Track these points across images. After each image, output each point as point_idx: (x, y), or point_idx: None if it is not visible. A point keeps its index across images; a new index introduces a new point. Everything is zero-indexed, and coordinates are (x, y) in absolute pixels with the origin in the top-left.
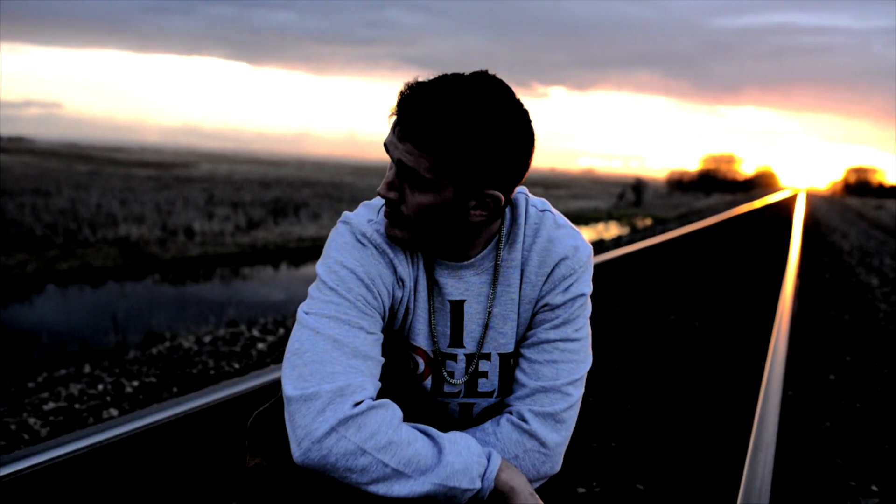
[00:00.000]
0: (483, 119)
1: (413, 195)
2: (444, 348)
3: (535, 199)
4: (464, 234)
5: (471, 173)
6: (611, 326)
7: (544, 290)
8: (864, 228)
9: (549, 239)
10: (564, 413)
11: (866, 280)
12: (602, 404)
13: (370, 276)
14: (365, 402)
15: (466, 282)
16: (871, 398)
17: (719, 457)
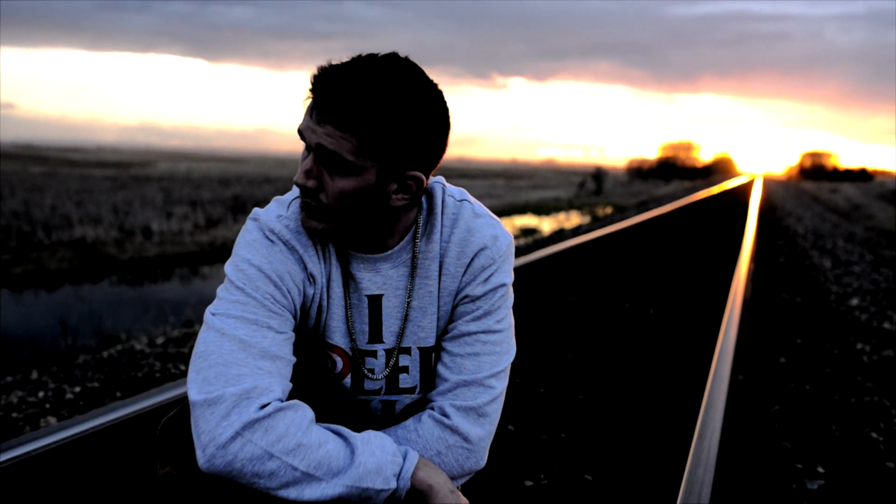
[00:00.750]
0: (404, 96)
1: (333, 181)
2: (363, 345)
3: (453, 188)
4: (384, 221)
5: (394, 153)
6: (566, 316)
7: (464, 282)
8: (819, 212)
9: (467, 229)
10: (488, 406)
11: (819, 262)
12: (553, 395)
13: (278, 274)
14: (272, 403)
15: (384, 275)
16: (820, 380)
17: (668, 444)
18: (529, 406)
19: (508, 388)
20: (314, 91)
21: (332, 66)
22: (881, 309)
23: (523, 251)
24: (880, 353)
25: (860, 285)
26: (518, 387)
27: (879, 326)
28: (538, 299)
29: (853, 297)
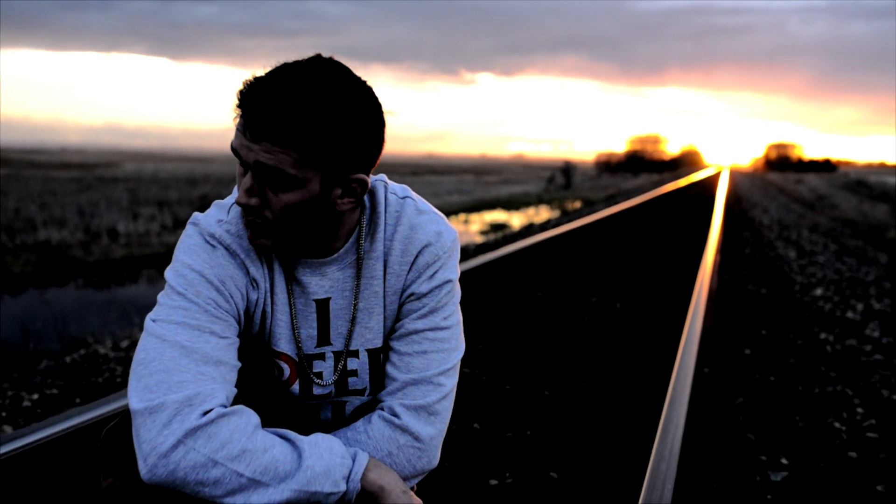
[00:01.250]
0: (337, 100)
1: (277, 197)
2: (311, 349)
3: (395, 185)
4: (330, 226)
5: (336, 159)
6: (533, 311)
7: (409, 280)
8: (784, 202)
9: (410, 226)
10: (438, 405)
11: (784, 253)
12: (519, 392)
13: (220, 279)
14: (215, 409)
15: (331, 278)
16: (784, 371)
17: (634, 439)
18: (495, 404)
19: (474, 386)
20: (244, 108)
21: (257, 79)
22: (844, 298)
23: (491, 247)
24: (843, 343)
25: (824, 275)
26: (484, 384)
27: (843, 316)
28: (505, 295)
29: (817, 287)
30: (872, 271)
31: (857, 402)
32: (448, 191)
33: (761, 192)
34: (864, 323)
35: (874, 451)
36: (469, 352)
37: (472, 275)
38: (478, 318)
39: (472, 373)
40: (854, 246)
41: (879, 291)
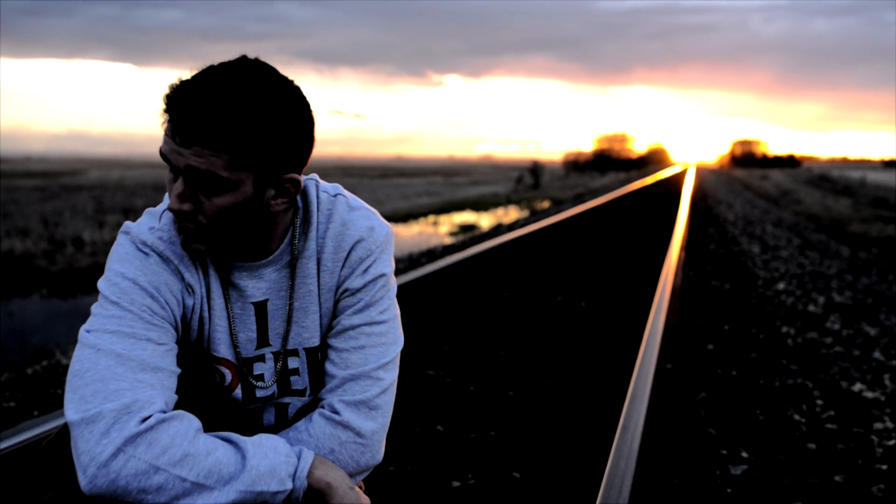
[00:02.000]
0: (267, 101)
1: (210, 201)
2: (251, 352)
3: (327, 184)
4: (264, 228)
5: (268, 160)
6: (498, 312)
7: (342, 276)
8: (749, 198)
9: (342, 223)
10: (378, 399)
11: (748, 248)
12: (484, 393)
13: (155, 286)
14: (154, 416)
15: (267, 280)
16: (746, 365)
17: (596, 437)
18: (459, 405)
19: (438, 387)
20: (172, 112)
21: (184, 83)
22: (807, 292)
23: (458, 248)
24: (805, 336)
25: (787, 269)
26: (448, 386)
27: (804, 309)
28: (471, 296)
29: (780, 282)
30: (834, 265)
31: (817, 395)
32: (417, 193)
33: (727, 189)
34: (826, 316)
35: (832, 443)
36: (434, 353)
37: (438, 276)
38: (443, 320)
39: (436, 374)
40: (817, 240)
41: (840, 284)
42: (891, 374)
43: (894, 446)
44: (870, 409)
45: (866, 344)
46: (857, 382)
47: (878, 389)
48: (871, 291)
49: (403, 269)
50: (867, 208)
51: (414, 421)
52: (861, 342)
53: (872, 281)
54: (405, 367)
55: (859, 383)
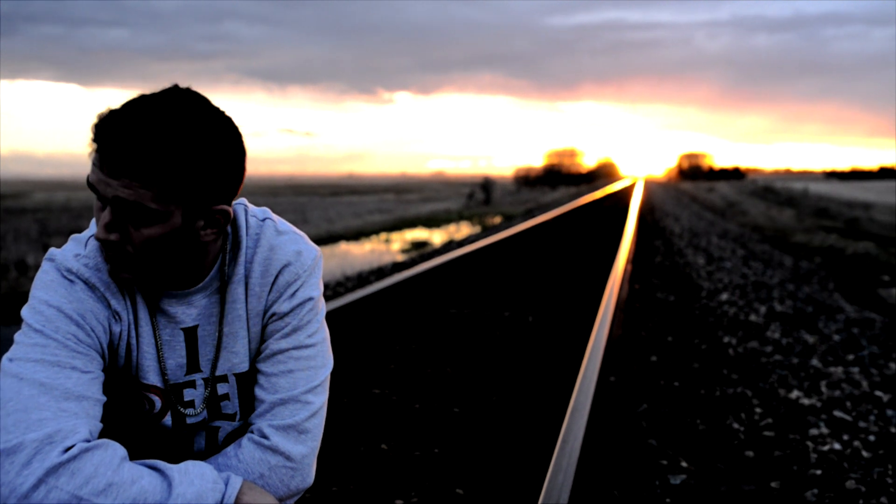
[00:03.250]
0: (196, 132)
1: (138, 231)
2: (181, 378)
3: (255, 208)
4: (195, 257)
5: (197, 192)
6: (446, 329)
7: (270, 300)
8: (696, 210)
9: (270, 247)
10: (307, 422)
11: (693, 260)
12: (429, 410)
13: (80, 313)
14: (77, 445)
15: (197, 306)
16: (688, 376)
17: (538, 451)
18: (404, 423)
19: (383, 406)
20: (100, 143)
21: (113, 113)
22: (749, 302)
23: (408, 265)
24: (746, 346)
25: (730, 280)
26: (394, 404)
27: (746, 319)
28: (419, 314)
29: (723, 293)
30: (777, 275)
31: (756, 403)
32: (369, 210)
33: (674, 202)
34: (767, 325)
35: (770, 450)
36: (380, 372)
37: (386, 294)
38: (391, 338)
39: (381, 393)
40: (761, 250)
41: (782, 294)
42: (827, 380)
43: (828, 451)
44: (806, 416)
45: (805, 352)
46: (794, 390)
47: (814, 396)
48: (811, 300)
49: (352, 287)
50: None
51: (358, 440)
52: (800, 350)
53: (813, 290)
54: (351, 386)
55: (797, 390)
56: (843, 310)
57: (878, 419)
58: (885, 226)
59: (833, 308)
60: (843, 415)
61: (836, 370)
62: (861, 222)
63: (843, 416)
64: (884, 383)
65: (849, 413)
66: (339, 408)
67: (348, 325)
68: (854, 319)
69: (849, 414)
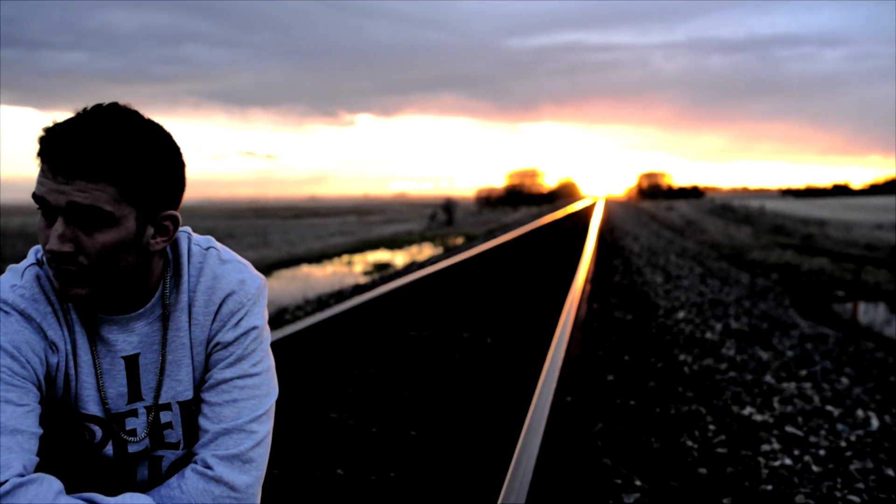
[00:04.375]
0: (147, 135)
1: (93, 238)
2: (123, 407)
3: (199, 237)
4: (141, 272)
5: (150, 195)
6: (405, 351)
7: (214, 329)
8: (656, 229)
9: (214, 276)
10: (251, 452)
11: (651, 279)
12: (386, 434)
13: (15, 345)
14: (10, 480)
15: (139, 333)
16: (644, 394)
17: (494, 473)
18: (361, 447)
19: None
20: (51, 151)
21: (61, 123)
22: (705, 320)
23: (368, 288)
24: (701, 363)
25: (687, 298)
26: (350, 428)
27: (702, 337)
28: (378, 336)
29: (680, 311)
30: (734, 292)
31: (710, 420)
32: (331, 233)
33: (634, 221)
34: (722, 342)
35: (722, 466)
36: (338, 396)
37: (346, 317)
38: (349, 362)
39: (339, 417)
40: (718, 268)
41: (738, 311)
42: (780, 396)
43: (779, 467)
44: (758, 432)
45: (759, 368)
46: (747, 406)
47: (766, 412)
48: (766, 317)
49: (311, 310)
50: (767, 235)
51: (314, 466)
52: (754, 367)
53: (769, 306)
54: (308, 411)
55: (750, 407)
56: (798, 326)
57: (828, 434)
58: (838, 242)
59: (788, 324)
60: (795, 430)
61: (789, 386)
62: (816, 239)
63: (795, 431)
64: (835, 398)
65: (800, 428)
66: (295, 433)
67: (307, 349)
68: (808, 335)
69: (800, 429)
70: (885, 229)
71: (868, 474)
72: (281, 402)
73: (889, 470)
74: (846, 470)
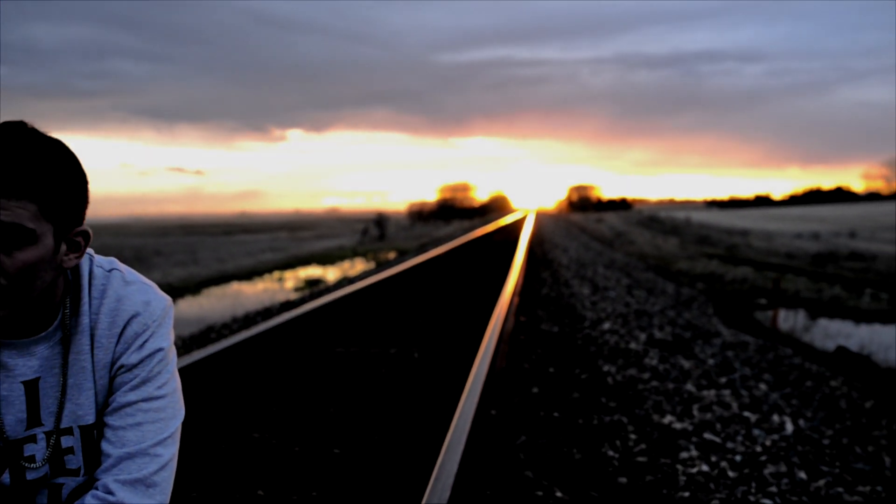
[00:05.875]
0: (58, 152)
1: (13, 258)
2: (21, 433)
3: (101, 258)
4: (50, 291)
5: (66, 211)
6: (331, 368)
7: (118, 352)
8: (585, 241)
9: (117, 298)
10: (156, 476)
11: (579, 291)
12: (309, 453)
13: None
14: None
15: (39, 357)
16: (568, 406)
17: (415, 490)
18: (283, 467)
19: (262, 451)
20: None
21: None
22: (630, 330)
23: (296, 304)
24: (624, 374)
25: (614, 309)
26: (273, 448)
27: (627, 347)
28: (304, 353)
29: (606, 322)
30: (659, 302)
31: (631, 430)
32: (262, 249)
33: (563, 233)
34: (646, 352)
35: (642, 475)
36: (261, 415)
37: (272, 334)
38: (274, 380)
39: (261, 437)
40: (645, 279)
41: (662, 321)
42: (699, 404)
43: (697, 473)
44: (678, 440)
45: (680, 377)
46: (668, 415)
47: (686, 420)
48: (690, 326)
49: (238, 328)
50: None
51: (235, 487)
52: (675, 376)
53: (693, 315)
54: (230, 431)
55: (670, 415)
56: (721, 334)
57: (745, 439)
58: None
59: (711, 333)
60: (713, 437)
61: (709, 393)
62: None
63: (713, 437)
64: (752, 404)
65: (718, 435)
66: (216, 454)
67: (231, 367)
68: (730, 343)
69: (718, 436)
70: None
71: (781, 478)
72: (203, 422)
73: (801, 473)
74: (760, 474)
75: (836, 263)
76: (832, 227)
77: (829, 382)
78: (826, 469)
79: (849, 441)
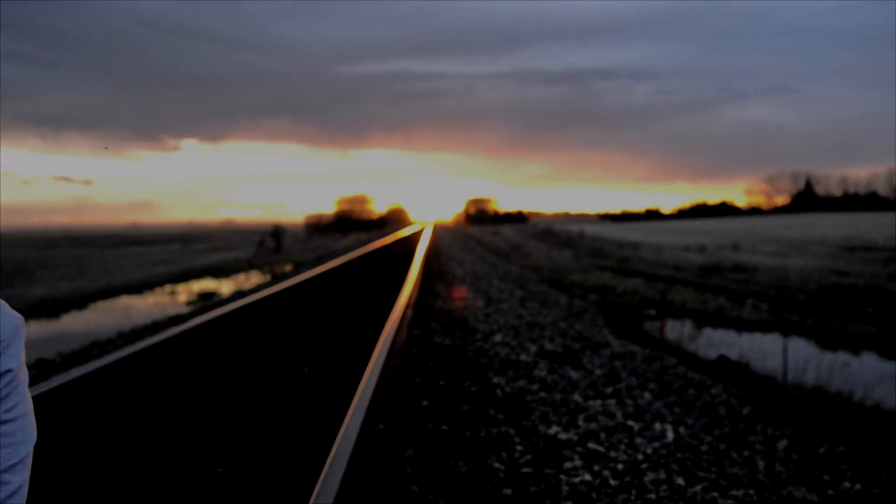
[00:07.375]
0: None
1: None
2: None
3: None
4: None
5: None
6: (217, 384)
7: None
8: (481, 254)
9: None
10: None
11: (473, 303)
12: (191, 472)
13: None
14: None
15: None
16: (456, 418)
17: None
18: (163, 487)
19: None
20: None
21: None
22: (521, 342)
23: (185, 319)
24: (514, 385)
25: (506, 321)
26: (154, 468)
27: (517, 359)
28: (189, 369)
29: (497, 334)
30: (551, 314)
31: (518, 441)
32: (153, 262)
33: (460, 245)
34: (535, 364)
35: (527, 486)
36: (141, 436)
37: (156, 350)
38: (155, 398)
39: (141, 458)
40: (539, 291)
41: (553, 332)
42: (585, 414)
43: (579, 483)
44: (563, 450)
45: (568, 388)
46: (554, 426)
47: (571, 430)
48: (580, 337)
49: (122, 344)
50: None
51: None
52: (563, 386)
53: (584, 326)
54: (108, 453)
55: (556, 426)
56: (610, 345)
57: (627, 448)
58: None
59: (600, 344)
60: (597, 446)
61: (595, 403)
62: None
63: (597, 447)
64: (636, 413)
65: (602, 444)
66: (94, 477)
67: (110, 387)
68: (618, 353)
69: (602, 445)
70: (692, 251)
71: (660, 485)
72: (80, 444)
73: (679, 479)
74: (641, 482)
75: (720, 275)
76: (717, 240)
77: (710, 390)
78: (703, 475)
79: (726, 447)
